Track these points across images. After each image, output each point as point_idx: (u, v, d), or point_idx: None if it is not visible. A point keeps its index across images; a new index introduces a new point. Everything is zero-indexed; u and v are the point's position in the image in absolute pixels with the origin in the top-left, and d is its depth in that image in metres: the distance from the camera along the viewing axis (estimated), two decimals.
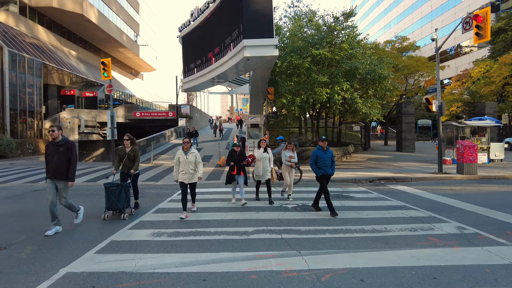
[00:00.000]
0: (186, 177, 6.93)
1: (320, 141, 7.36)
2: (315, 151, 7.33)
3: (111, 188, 6.84)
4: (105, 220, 6.77)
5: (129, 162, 7.52)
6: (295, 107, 16.05)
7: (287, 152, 8.64)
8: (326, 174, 7.20)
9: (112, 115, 18.83)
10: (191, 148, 7.00)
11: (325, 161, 7.16)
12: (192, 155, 6.95)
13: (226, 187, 10.93)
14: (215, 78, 19.97)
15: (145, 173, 15.03)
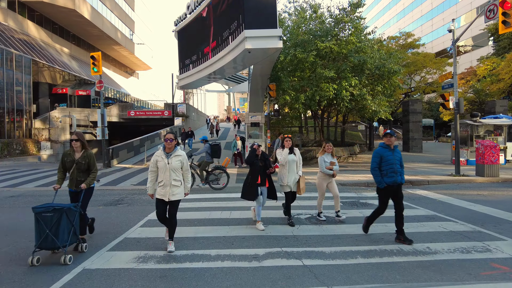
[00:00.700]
0: (166, 192, 4.69)
1: (385, 136, 5.25)
2: (378, 150, 5.26)
3: (45, 214, 4.29)
4: (33, 265, 4.21)
5: (80, 173, 5.14)
6: (299, 104, 14.90)
7: (326, 157, 6.53)
8: (394, 184, 5.11)
9: (102, 114, 17.59)
10: (176, 149, 4.84)
11: (392, 164, 5.10)
12: (177, 160, 4.76)
13: (226, 193, 9.75)
14: (212, 75, 18.78)
15: (137, 176, 13.81)
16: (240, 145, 15.80)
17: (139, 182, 12.37)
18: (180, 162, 4.78)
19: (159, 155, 4.79)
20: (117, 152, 18.72)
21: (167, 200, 4.72)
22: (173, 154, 4.75)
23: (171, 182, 4.67)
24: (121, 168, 16.75)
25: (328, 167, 6.43)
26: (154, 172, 4.87)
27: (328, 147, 6.59)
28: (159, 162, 4.76)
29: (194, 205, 8.03)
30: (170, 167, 4.68)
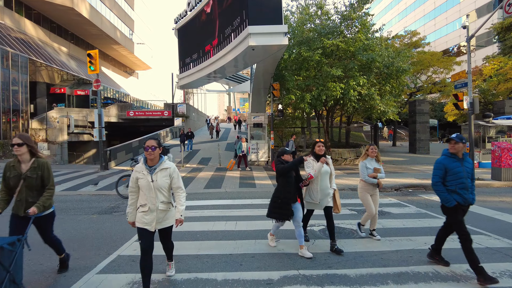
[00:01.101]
0: (151, 219, 3.52)
1: (450, 141, 4.20)
2: (442, 160, 4.19)
3: None
4: None
5: (30, 192, 3.66)
6: (304, 104, 14.27)
7: (369, 162, 5.39)
8: (464, 204, 4.10)
9: (100, 114, 16.96)
10: (163, 160, 3.59)
11: (462, 178, 4.05)
12: (164, 175, 3.56)
13: (230, 199, 9.10)
14: (212, 74, 18.16)
15: None
16: (246, 147, 15.17)
17: None
18: (168, 178, 3.54)
19: (140, 170, 3.52)
20: (115, 154, 18.09)
21: (153, 230, 3.54)
22: (158, 168, 3.50)
23: (158, 206, 3.48)
24: (118, 171, 16.11)
25: (371, 174, 5.31)
26: (134, 193, 3.61)
27: (372, 151, 5.44)
28: (140, 179, 3.49)
29: (196, 214, 7.40)
30: (155, 185, 3.45)
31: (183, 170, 15.88)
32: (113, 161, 17.77)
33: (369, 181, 5.34)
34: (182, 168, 16.67)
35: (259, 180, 12.56)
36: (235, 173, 14.52)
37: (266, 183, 11.88)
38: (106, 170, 16.38)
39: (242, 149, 15.17)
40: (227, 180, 12.67)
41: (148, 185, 3.46)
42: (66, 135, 30.70)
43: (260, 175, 13.87)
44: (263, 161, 17.69)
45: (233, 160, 15.66)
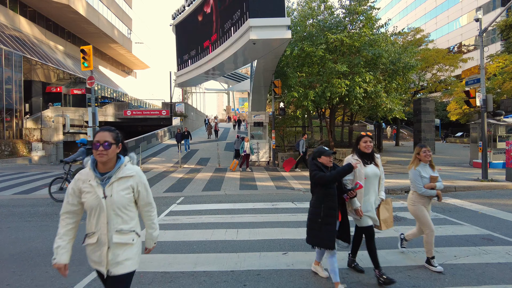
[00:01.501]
0: (102, 257, 2.26)
1: None
2: None
3: None
4: None
5: None
6: (308, 101, 13.62)
7: (423, 169, 4.18)
8: None
9: (94, 112, 16.25)
10: (121, 163, 2.29)
11: None
12: (124, 187, 2.27)
13: (230, 203, 8.44)
14: (211, 71, 17.52)
15: None
16: (248, 147, 14.50)
17: None
18: (130, 192, 2.27)
19: (85, 178, 2.26)
20: None
21: (105, 274, 2.27)
22: (115, 176, 2.24)
23: (112, 237, 2.23)
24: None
25: (428, 185, 4.11)
26: (71, 215, 2.30)
27: (425, 154, 4.16)
28: (85, 194, 2.23)
29: (193, 220, 6.73)
30: (109, 204, 2.20)
31: (181, 171, 15.22)
32: None
33: (427, 194, 4.12)
34: (179, 168, 16.01)
35: (260, 182, 11.90)
36: (235, 174, 13.86)
37: (268, 185, 11.22)
38: None
39: (244, 149, 14.52)
40: (227, 182, 12.02)
41: (98, 204, 2.18)
42: (62, 134, 30.02)
43: (261, 176, 13.21)
44: (264, 162, 17.04)
45: (235, 160, 14.99)
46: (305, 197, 9.23)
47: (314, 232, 3.49)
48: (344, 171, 3.42)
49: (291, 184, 11.35)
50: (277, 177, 13.05)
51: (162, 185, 11.56)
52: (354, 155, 3.86)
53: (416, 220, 4.34)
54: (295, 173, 13.95)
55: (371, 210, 3.80)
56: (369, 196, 3.80)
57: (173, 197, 9.46)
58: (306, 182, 11.71)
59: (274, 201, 8.64)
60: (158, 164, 17.59)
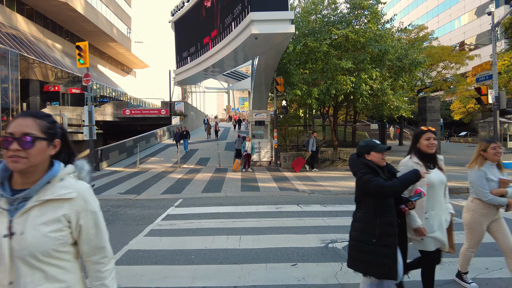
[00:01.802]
0: None
1: None
2: None
3: None
4: None
5: None
6: (311, 99, 13.12)
7: (490, 170, 3.29)
8: None
9: (90, 111, 15.78)
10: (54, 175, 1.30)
11: None
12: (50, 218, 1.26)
13: (231, 206, 7.93)
14: (210, 68, 17.02)
15: (127, 182, 11.97)
16: (250, 147, 14.00)
17: (128, 189, 10.54)
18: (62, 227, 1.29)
19: None
20: (107, 154, 16.91)
21: None
22: (39, 197, 1.27)
23: None
24: (110, 172, 14.94)
25: (497, 191, 3.21)
26: None
27: (494, 151, 3.25)
28: None
29: (191, 225, 6.23)
30: (16, 248, 1.22)
31: (180, 171, 14.72)
32: (105, 161, 16.59)
33: (495, 202, 3.21)
34: (178, 169, 15.51)
35: (263, 183, 11.40)
36: (236, 175, 13.36)
37: (271, 186, 10.72)
38: (97, 171, 15.20)
39: (245, 148, 14.01)
40: (227, 183, 11.51)
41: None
42: None
43: (263, 177, 12.71)
44: (265, 161, 16.53)
45: (238, 161, 14.48)
46: (310, 199, 8.73)
47: (366, 256, 2.56)
48: (410, 181, 2.51)
49: (294, 185, 10.85)
50: (280, 177, 12.54)
51: (160, 186, 11.06)
52: (413, 157, 2.94)
53: (466, 232, 3.47)
54: (299, 174, 13.44)
55: (439, 229, 2.82)
56: (436, 211, 2.84)
57: (171, 199, 8.95)
58: (310, 183, 11.20)
59: (278, 203, 8.14)
60: (157, 164, 17.08)
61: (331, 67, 13.46)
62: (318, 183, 11.12)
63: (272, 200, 8.63)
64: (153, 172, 14.66)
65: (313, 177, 12.52)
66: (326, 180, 11.81)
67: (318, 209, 7.49)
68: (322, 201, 8.47)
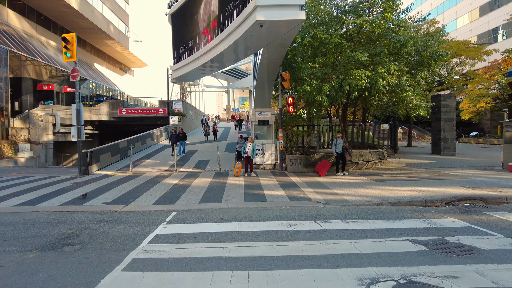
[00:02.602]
0: None
1: None
2: None
3: None
4: None
5: None
6: (322, 96, 11.76)
7: None
8: None
9: (78, 109, 14.43)
10: None
11: None
12: None
13: (234, 221, 6.58)
14: (209, 63, 15.67)
15: (116, 188, 10.62)
16: (251, 149, 12.72)
17: (115, 198, 9.21)
18: None
19: None
20: (97, 156, 15.56)
21: None
22: None
23: None
24: (100, 176, 13.60)
25: None
26: None
27: None
28: None
29: (184, 253, 4.89)
30: None
31: (176, 175, 13.39)
32: (95, 164, 15.25)
33: None
34: (175, 173, 14.17)
35: (269, 190, 10.06)
36: (238, 180, 12.02)
37: (279, 195, 9.38)
38: (86, 176, 13.87)
39: (246, 151, 12.71)
40: (229, 190, 10.18)
41: None
42: (52, 134, 28.14)
43: (269, 183, 11.38)
44: (269, 164, 15.19)
45: (239, 164, 13.15)
46: (327, 212, 7.40)
47: None
48: None
49: (305, 193, 9.52)
50: (287, 183, 11.21)
51: (152, 194, 9.72)
52: None
53: None
54: (307, 179, 12.11)
55: None
56: None
57: (163, 212, 7.62)
58: (322, 190, 9.87)
59: (290, 218, 6.81)
60: (152, 168, 15.74)
61: (343, 60, 12.12)
62: (332, 191, 9.79)
63: (283, 213, 7.30)
64: (147, 176, 13.32)
65: (325, 183, 11.19)
66: (339, 186, 10.48)
67: (341, 226, 6.17)
68: (342, 214, 7.15)
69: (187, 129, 34.67)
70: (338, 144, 12.69)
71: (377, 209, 7.75)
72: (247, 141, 12.80)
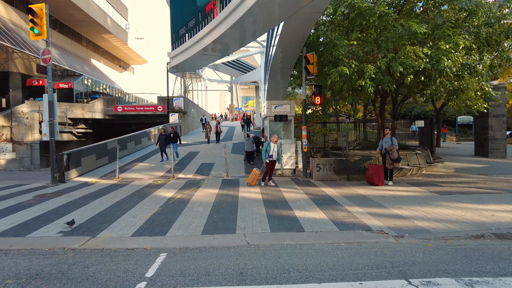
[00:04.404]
0: None
1: None
2: None
3: None
4: None
5: None
6: (366, 80, 8.83)
7: None
8: None
9: (51, 100, 11.61)
10: None
11: None
12: None
13: (261, 277, 3.65)
14: (211, 46, 12.87)
15: (90, 204, 7.69)
16: (275, 150, 9.83)
17: (82, 222, 6.33)
18: None
19: None
20: (77, 159, 12.71)
21: None
22: None
23: None
24: (77, 185, 10.76)
25: None
26: None
27: None
28: None
29: None
30: None
31: (172, 184, 10.51)
32: (75, 169, 12.40)
33: None
34: (171, 180, 11.30)
35: (300, 210, 7.14)
36: (253, 192, 9.13)
37: (318, 218, 6.47)
38: (60, 184, 11.03)
39: (270, 153, 9.78)
40: (244, 209, 7.28)
41: None
42: (38, 133, 25.36)
43: (296, 197, 8.47)
44: (288, 170, 12.27)
45: (257, 170, 10.14)
46: (408, 253, 4.51)
47: None
48: None
49: (356, 215, 6.60)
50: (321, 198, 8.29)
51: (136, 215, 6.83)
52: None
53: None
54: (343, 190, 9.21)
55: None
56: None
57: (146, 254, 4.74)
58: (377, 210, 6.95)
59: (360, 273, 3.92)
60: (144, 173, 12.88)
61: (392, 34, 9.18)
62: (391, 211, 6.87)
63: (342, 259, 4.39)
64: (136, 185, 10.45)
65: (371, 197, 8.27)
66: (396, 203, 7.56)
67: None
68: (438, 260, 4.26)
69: (189, 128, 31.81)
70: (385, 144, 9.81)
71: (484, 247, 4.86)
72: (270, 141, 9.85)
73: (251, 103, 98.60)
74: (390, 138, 10.05)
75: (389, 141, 10.00)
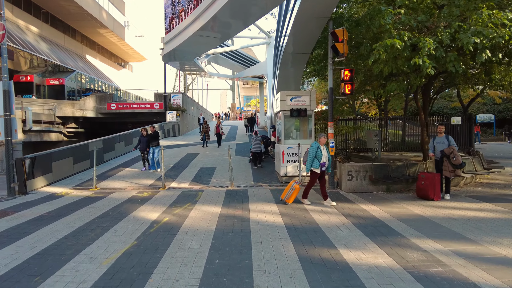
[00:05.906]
0: None
1: None
2: None
3: None
4: None
5: None
6: (423, 58, 6.37)
7: None
8: None
9: (6, 89, 9.20)
10: None
11: None
12: None
13: None
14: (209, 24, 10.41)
15: (42, 230, 5.20)
16: (326, 156, 7.26)
17: (14, 267, 3.87)
18: None
19: None
20: (46, 164, 10.28)
21: None
22: None
23: None
24: (40, 198, 8.36)
25: None
26: None
27: None
28: None
29: None
30: None
31: (161, 198, 8.06)
32: (42, 176, 9.98)
33: None
34: (161, 191, 8.87)
35: (347, 246, 4.71)
36: (269, 212, 6.70)
37: (381, 266, 4.02)
38: (19, 197, 8.63)
39: (322, 161, 7.12)
40: (259, 244, 4.82)
41: None
42: (21, 133, 22.98)
43: (330, 220, 6.03)
44: (308, 177, 9.80)
45: (295, 184, 7.39)
46: None
47: None
48: None
49: (437, 257, 4.15)
50: (367, 222, 5.84)
51: (93, 257, 4.40)
52: None
53: None
54: (391, 208, 6.79)
55: None
56: None
57: None
58: (462, 246, 4.49)
59: None
60: (129, 181, 10.46)
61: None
62: (490, 249, 4.41)
63: None
64: (115, 199, 8.02)
65: (435, 219, 5.83)
66: (479, 230, 5.10)
67: None
68: None
69: (188, 128, 29.39)
70: (440, 145, 7.41)
71: None
72: (318, 144, 7.13)
73: (253, 102, 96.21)
74: (445, 137, 7.62)
75: (444, 141, 7.57)
